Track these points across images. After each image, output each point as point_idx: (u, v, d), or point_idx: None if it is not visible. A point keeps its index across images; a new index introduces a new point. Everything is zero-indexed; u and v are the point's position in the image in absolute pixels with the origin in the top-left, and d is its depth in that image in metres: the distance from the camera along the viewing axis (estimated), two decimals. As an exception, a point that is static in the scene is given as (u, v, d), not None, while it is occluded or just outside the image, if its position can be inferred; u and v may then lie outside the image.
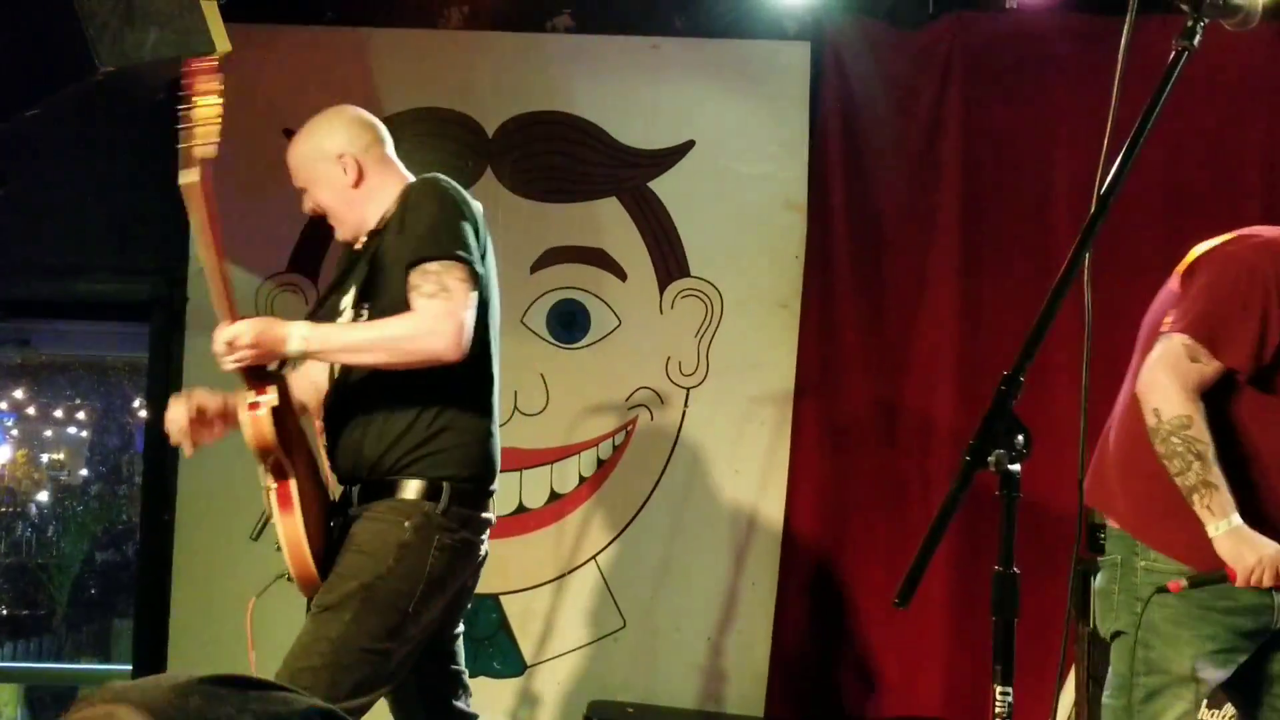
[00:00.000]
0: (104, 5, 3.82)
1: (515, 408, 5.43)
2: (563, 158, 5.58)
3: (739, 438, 5.52)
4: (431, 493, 3.30)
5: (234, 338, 3.21)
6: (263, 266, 5.55)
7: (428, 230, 3.30)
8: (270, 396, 3.21)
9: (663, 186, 5.62)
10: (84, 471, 12.16)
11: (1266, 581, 2.96)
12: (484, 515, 3.43)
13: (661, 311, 5.57)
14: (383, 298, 3.35)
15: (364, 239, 3.54)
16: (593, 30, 5.76)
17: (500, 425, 5.27)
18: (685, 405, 5.53)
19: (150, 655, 5.45)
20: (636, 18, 5.75)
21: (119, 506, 10.98)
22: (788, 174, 5.64)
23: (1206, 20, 2.27)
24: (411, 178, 3.60)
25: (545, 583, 5.50)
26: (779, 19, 5.72)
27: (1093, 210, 2.15)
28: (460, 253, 3.27)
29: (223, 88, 3.22)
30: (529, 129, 5.64)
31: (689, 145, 5.64)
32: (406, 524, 3.27)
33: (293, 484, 3.22)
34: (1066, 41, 5.38)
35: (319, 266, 5.55)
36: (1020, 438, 1.95)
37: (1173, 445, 2.98)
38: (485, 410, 3.45)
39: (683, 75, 5.67)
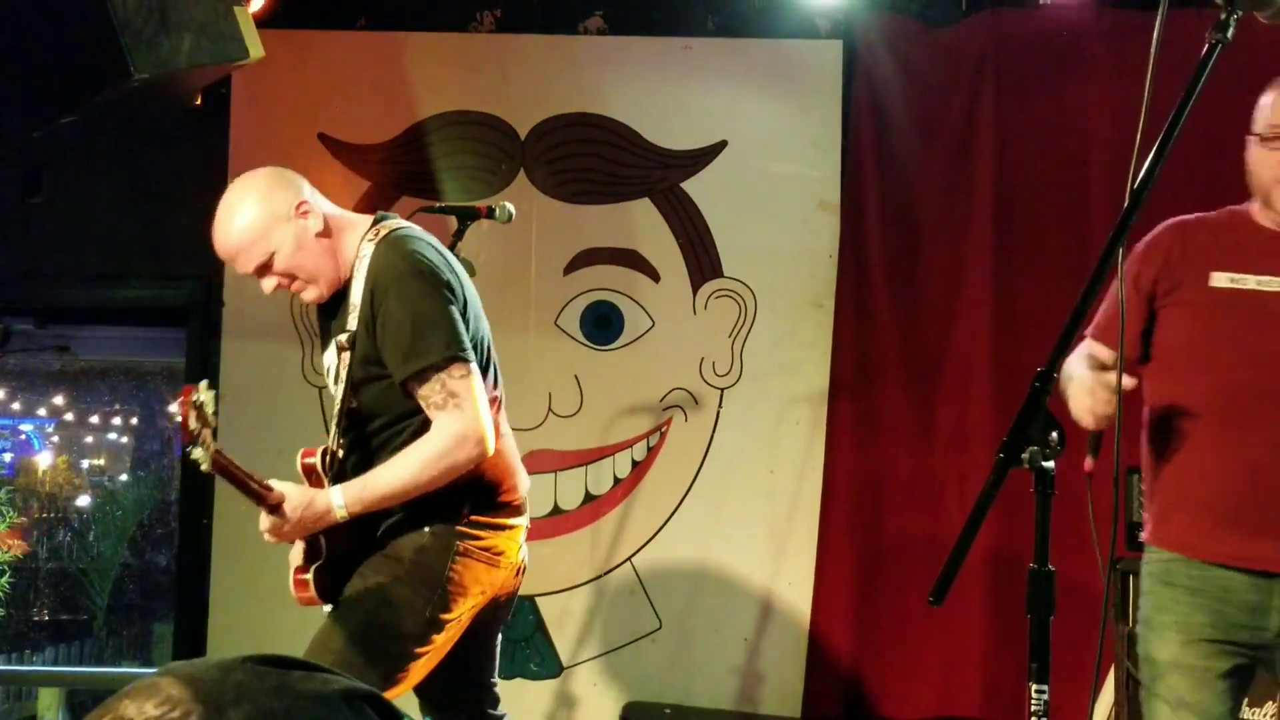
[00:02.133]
0: (139, 13, 3.85)
1: (550, 409, 5.45)
2: (595, 159, 5.60)
3: (774, 438, 5.52)
4: (453, 499, 3.29)
5: (275, 529, 3.21)
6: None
7: (413, 337, 3.20)
8: (315, 564, 3.27)
9: (695, 187, 5.63)
10: (124, 476, 12.25)
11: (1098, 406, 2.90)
12: (510, 522, 3.41)
13: (695, 312, 5.57)
14: (363, 394, 3.32)
15: (331, 298, 3.41)
16: (625, 32, 5.77)
17: (534, 428, 5.43)
18: (719, 406, 5.53)
19: (190, 657, 5.47)
20: (668, 19, 5.76)
21: (158, 511, 11.06)
22: (821, 173, 5.63)
23: (1240, 13, 2.25)
24: (356, 219, 3.47)
25: (582, 584, 5.51)
26: (811, 18, 5.72)
27: (1126, 206, 2.14)
28: (451, 353, 3.20)
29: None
30: (561, 131, 5.65)
31: (722, 145, 5.65)
32: (427, 529, 3.29)
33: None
34: (1099, 37, 5.36)
35: (354, 270, 5.58)
36: (1055, 434, 1.95)
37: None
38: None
39: (715, 76, 5.68)
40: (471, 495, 3.33)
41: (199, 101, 5.35)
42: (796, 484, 5.49)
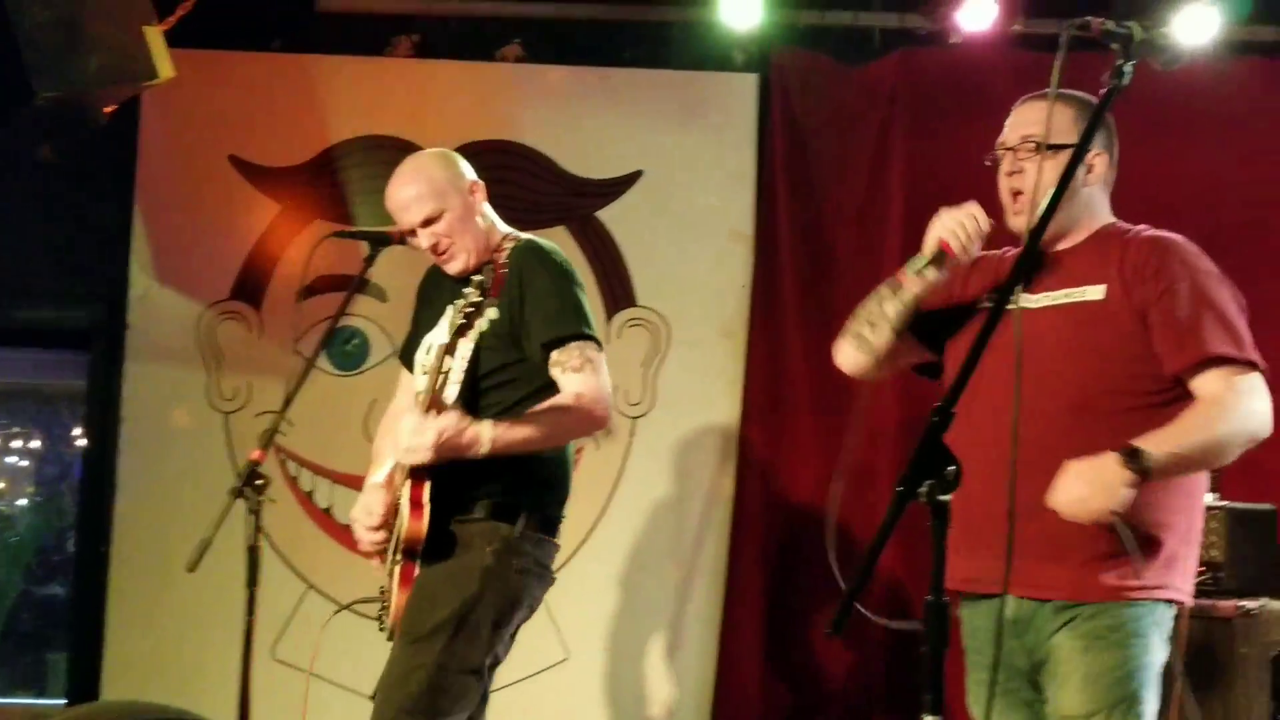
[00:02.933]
0: (46, 31, 3.80)
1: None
2: (511, 186, 5.57)
3: (685, 467, 5.53)
4: (510, 517, 3.44)
5: (425, 430, 3.30)
6: (205, 293, 5.53)
7: (559, 308, 3.48)
8: (427, 495, 3.35)
9: (610, 216, 5.64)
10: (22, 501, 11.99)
11: (975, 237, 2.91)
12: (555, 540, 3.58)
13: (608, 341, 5.56)
14: (493, 360, 3.49)
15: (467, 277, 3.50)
16: (543, 60, 5.78)
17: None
18: (631, 435, 5.53)
19: (85, 689, 5.37)
20: (586, 48, 5.78)
21: (57, 537, 10.83)
22: (735, 204, 5.67)
23: (1136, 59, 2.31)
24: (501, 223, 3.74)
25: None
26: (727, 51, 5.76)
27: (1024, 246, 2.18)
28: (591, 332, 3.50)
29: None
30: (477, 158, 5.58)
31: (637, 175, 5.66)
32: (489, 549, 3.41)
33: (417, 567, 3.40)
34: (1010, 77, 5.40)
35: (262, 295, 5.54)
36: (951, 469, 1.97)
37: None
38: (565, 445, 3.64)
39: (631, 106, 5.70)
40: (534, 506, 3.49)
41: (107, 120, 5.27)
42: (707, 513, 5.50)
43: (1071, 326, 2.70)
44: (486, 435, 3.32)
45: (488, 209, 3.70)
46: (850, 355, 3.15)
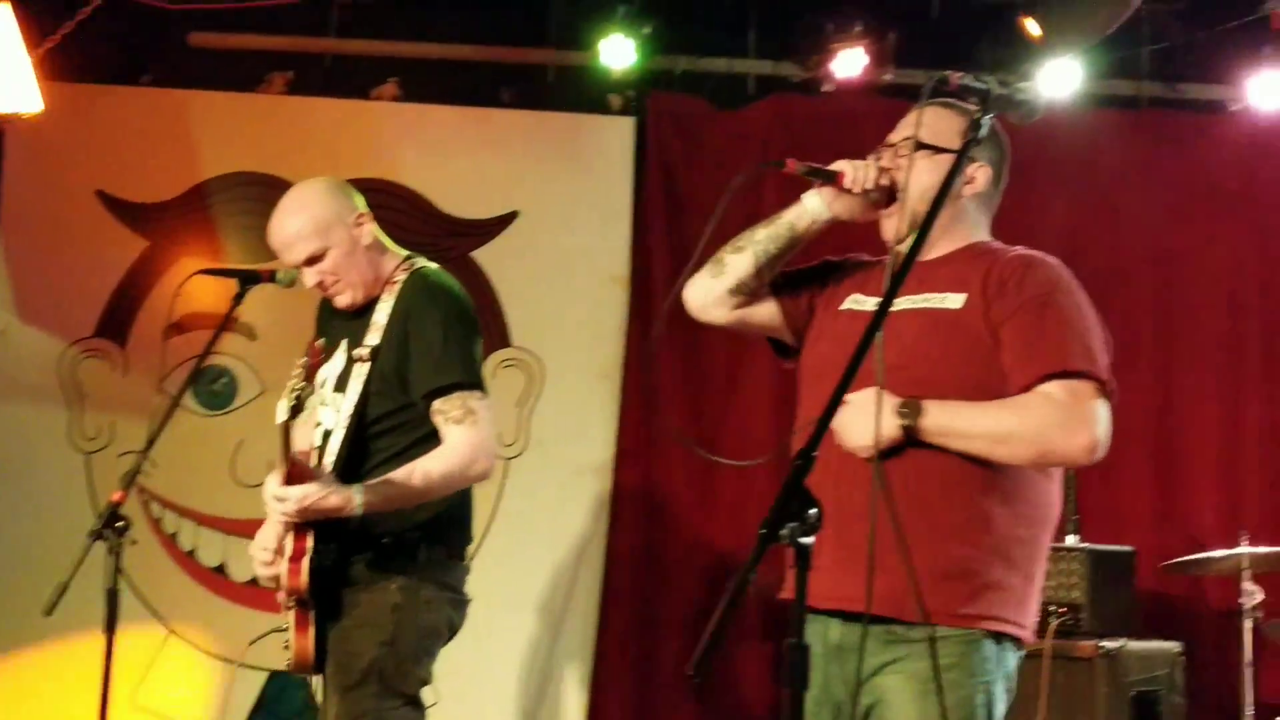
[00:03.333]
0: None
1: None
2: (386, 226, 5.48)
3: (559, 509, 5.53)
4: (411, 551, 3.40)
5: (284, 498, 3.24)
6: (68, 330, 5.43)
7: (441, 355, 3.40)
8: (308, 548, 3.29)
9: (486, 256, 5.64)
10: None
11: (872, 175, 2.81)
12: (465, 564, 3.57)
13: (483, 381, 5.55)
14: (380, 406, 3.43)
15: (356, 310, 3.53)
16: (419, 99, 5.78)
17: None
18: (505, 476, 5.51)
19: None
20: (463, 88, 5.79)
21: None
22: (611, 246, 5.70)
23: (993, 113, 2.37)
24: (395, 248, 3.64)
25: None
26: (604, 95, 5.82)
27: (888, 290, 2.22)
28: (473, 379, 3.43)
29: None
30: (350, 197, 5.59)
31: (513, 216, 5.67)
32: (394, 586, 3.38)
33: (312, 614, 3.35)
34: (880, 125, 5.52)
35: (128, 332, 5.44)
36: (813, 511, 1.99)
37: None
38: None
39: (508, 147, 5.72)
40: (434, 536, 3.44)
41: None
42: (580, 554, 5.50)
43: (926, 330, 2.65)
44: (357, 500, 3.26)
45: (379, 237, 3.60)
46: (702, 283, 2.99)
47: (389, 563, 3.40)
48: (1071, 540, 4.86)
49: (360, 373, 3.42)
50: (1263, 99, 5.54)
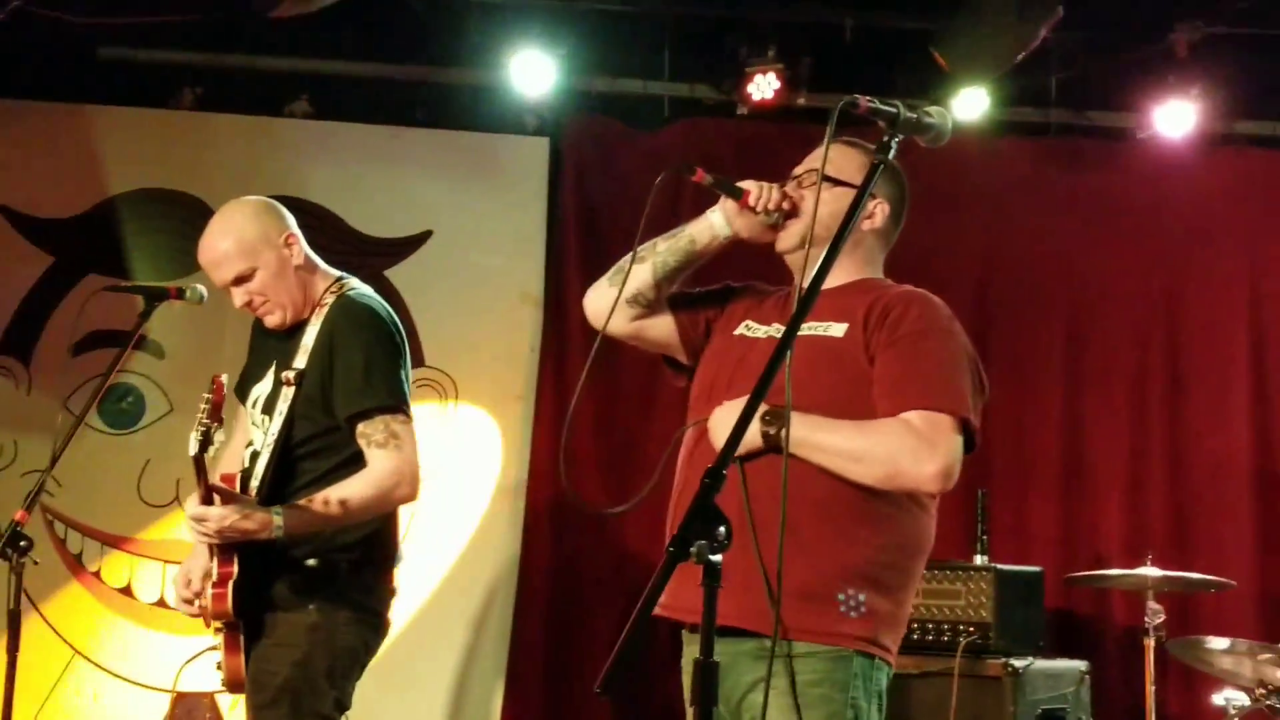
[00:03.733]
0: None
1: (240, 497, 5.28)
2: (296, 243, 5.50)
3: (472, 529, 5.50)
4: (332, 572, 3.40)
5: (204, 518, 3.23)
6: (-29, 347, 5.34)
7: (364, 378, 3.40)
8: (234, 571, 3.30)
9: (399, 276, 5.61)
10: None
11: (775, 197, 2.85)
12: (391, 586, 3.54)
13: (395, 401, 5.52)
14: (306, 429, 3.42)
15: (287, 331, 3.53)
16: (332, 117, 5.75)
17: (224, 516, 5.26)
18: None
19: None
20: (376, 106, 5.77)
21: None
22: (525, 267, 5.70)
23: (901, 136, 2.40)
24: (326, 269, 3.61)
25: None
26: (519, 114, 5.82)
27: (794, 314, 2.24)
28: (396, 401, 3.41)
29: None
30: (262, 214, 5.54)
31: (426, 235, 5.65)
32: (312, 606, 3.39)
33: (240, 637, 3.38)
34: (793, 149, 5.57)
35: (32, 350, 5.35)
36: (722, 529, 1.99)
37: None
38: None
39: (422, 165, 5.70)
40: (358, 561, 3.43)
41: None
42: (493, 575, 5.48)
43: (809, 356, 2.68)
44: (276, 523, 3.26)
45: (309, 256, 3.57)
46: (602, 291, 3.02)
47: (309, 585, 3.40)
48: (980, 560, 4.92)
49: (287, 395, 3.42)
50: (1168, 126, 5.66)
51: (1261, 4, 5.36)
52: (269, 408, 3.46)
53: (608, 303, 2.96)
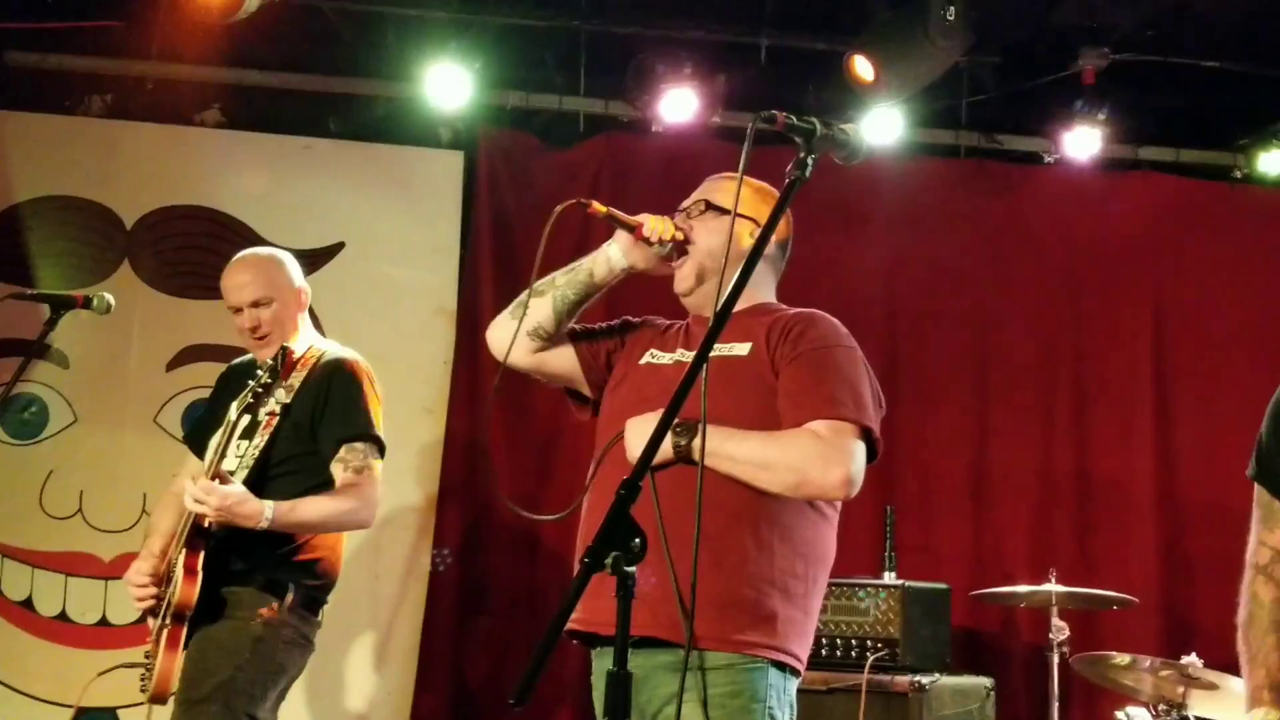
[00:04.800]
0: None
1: (144, 510, 5.19)
2: (206, 253, 5.43)
3: (382, 543, 5.44)
4: (280, 591, 3.69)
5: (211, 492, 3.50)
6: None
7: (361, 412, 3.83)
8: (200, 564, 3.56)
9: (311, 287, 5.52)
10: None
11: (669, 229, 2.94)
12: (318, 619, 3.84)
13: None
14: (286, 450, 3.75)
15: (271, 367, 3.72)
16: (243, 127, 5.69)
17: (128, 529, 5.19)
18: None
19: None
20: (290, 117, 5.72)
21: None
22: (439, 280, 5.67)
23: (817, 153, 2.42)
24: (314, 333, 4.09)
25: (173, 694, 5.25)
26: (433, 127, 5.80)
27: (710, 330, 2.25)
28: (379, 440, 3.84)
29: None
30: (171, 223, 5.50)
31: (339, 247, 5.61)
32: (258, 620, 3.65)
33: (184, 631, 3.56)
34: (709, 165, 5.59)
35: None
36: (637, 541, 2.00)
37: None
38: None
39: (335, 177, 5.66)
40: (302, 583, 3.72)
41: None
42: (401, 590, 5.43)
43: (717, 376, 2.73)
44: (268, 514, 3.57)
45: (307, 317, 4.03)
46: (503, 324, 3.09)
47: (260, 598, 3.66)
48: (889, 577, 4.96)
49: (270, 424, 3.74)
50: (1075, 151, 5.76)
51: (1166, 33, 5.48)
52: (248, 434, 3.73)
53: (509, 335, 3.02)
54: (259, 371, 3.60)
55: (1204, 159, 6.11)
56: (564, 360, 3.10)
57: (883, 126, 5.61)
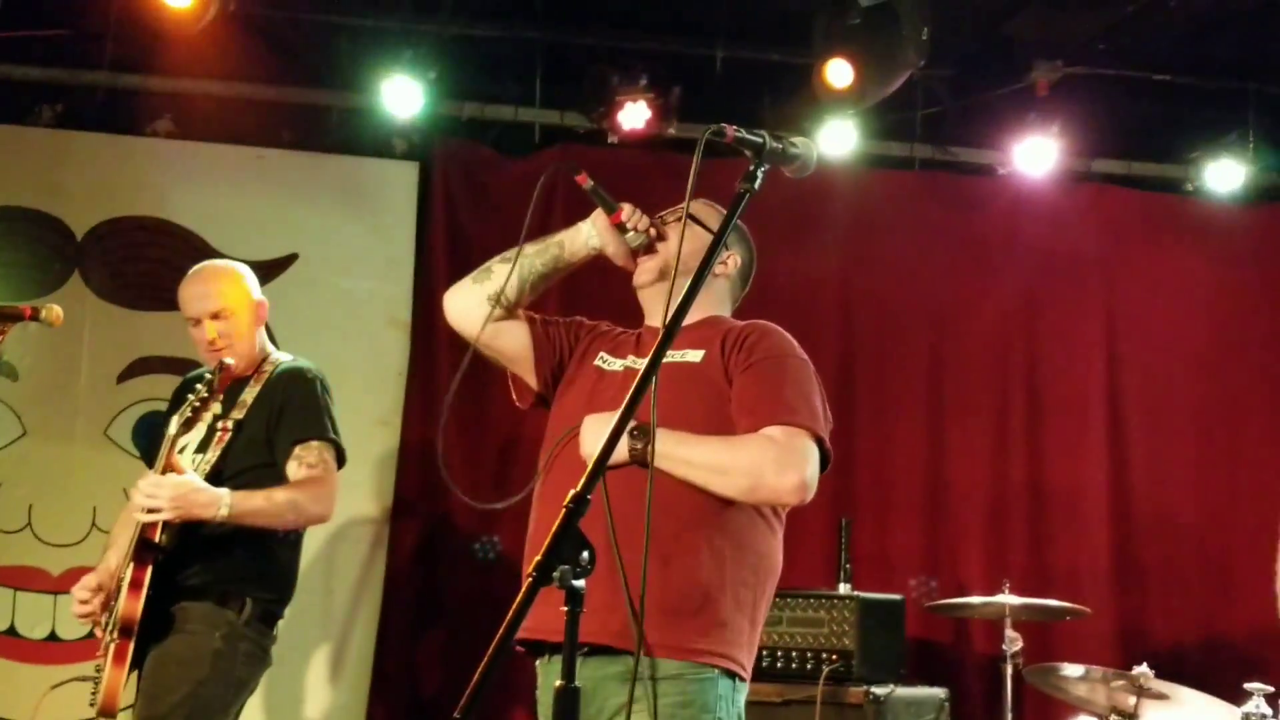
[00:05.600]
0: None
1: (94, 524, 5.15)
2: (157, 265, 5.40)
3: (333, 556, 5.41)
4: (237, 605, 3.70)
5: (160, 485, 3.54)
6: None
7: (319, 414, 3.87)
8: (146, 580, 3.53)
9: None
10: None
11: (646, 221, 2.99)
12: (273, 632, 3.85)
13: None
14: (241, 461, 3.76)
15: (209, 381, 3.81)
16: (196, 137, 5.64)
17: (77, 543, 5.14)
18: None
19: None
20: (242, 127, 5.67)
21: None
22: (393, 291, 5.64)
23: (767, 166, 2.42)
24: (270, 346, 4.08)
25: (125, 708, 5.19)
26: (388, 138, 5.78)
27: (659, 341, 2.24)
28: (337, 442, 3.88)
29: None
30: (122, 234, 5.45)
31: (292, 258, 5.57)
32: (217, 634, 3.65)
33: (131, 645, 3.52)
34: (665, 177, 5.62)
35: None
36: (585, 554, 1.99)
37: None
38: (296, 541, 3.93)
39: (288, 187, 5.63)
40: (259, 597, 3.74)
41: None
42: (355, 603, 5.40)
43: (671, 382, 2.76)
44: (226, 500, 3.58)
45: (264, 330, 4.05)
46: (465, 288, 3.12)
47: (216, 613, 3.67)
48: (844, 589, 4.96)
49: (223, 439, 3.75)
50: (1028, 163, 5.80)
51: (1119, 46, 5.53)
52: (202, 448, 3.74)
53: (467, 300, 3.09)
54: (198, 386, 3.66)
55: (1156, 172, 6.16)
56: (517, 338, 3.12)
57: (837, 138, 5.63)
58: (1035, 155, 5.76)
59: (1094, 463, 5.84)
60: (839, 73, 5.16)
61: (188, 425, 3.68)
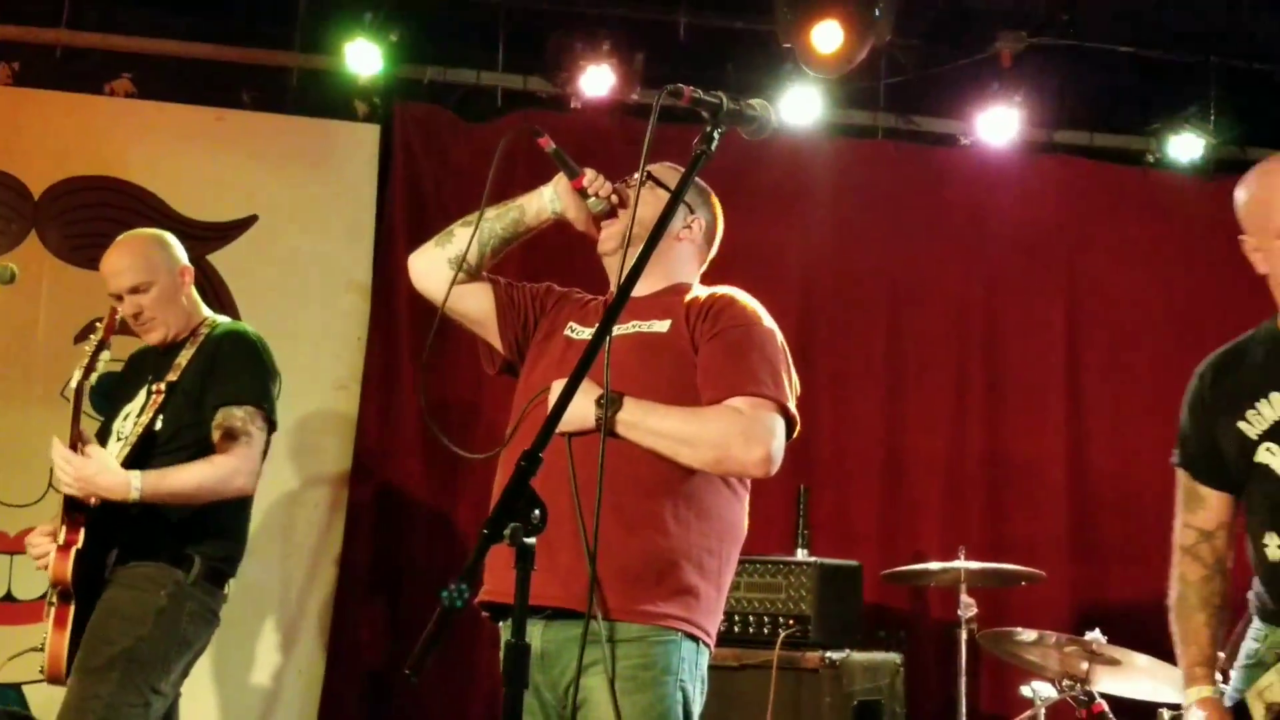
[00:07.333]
0: None
1: (50, 485, 5.10)
2: (115, 225, 5.30)
3: (290, 521, 5.39)
4: (185, 564, 3.68)
5: (68, 461, 3.53)
6: None
7: (249, 377, 3.82)
8: (79, 540, 3.55)
9: (222, 260, 5.48)
10: None
11: (607, 186, 2.99)
12: (224, 592, 3.83)
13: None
14: (171, 425, 3.73)
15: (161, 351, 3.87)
16: (155, 97, 5.59)
17: (33, 503, 5.10)
18: (236, 485, 5.35)
19: None
20: (202, 87, 5.63)
21: None
22: (353, 254, 5.61)
23: (724, 128, 2.42)
24: (205, 308, 3.99)
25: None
26: (349, 100, 5.74)
27: (610, 305, 2.24)
28: (266, 407, 3.82)
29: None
30: (79, 194, 5.40)
31: (252, 220, 5.54)
32: (163, 592, 3.64)
33: (71, 609, 3.57)
34: (625, 143, 5.61)
35: None
36: (536, 512, 1.99)
37: None
38: (245, 503, 3.86)
39: (248, 149, 5.58)
40: (207, 556, 3.72)
41: None
42: (312, 567, 5.39)
43: (637, 352, 2.78)
44: (135, 484, 3.55)
45: (194, 293, 3.96)
46: (428, 251, 3.11)
47: (164, 571, 3.66)
48: (801, 554, 4.98)
49: (155, 401, 3.73)
50: (991, 133, 5.81)
51: (1082, 17, 5.54)
52: (141, 411, 3.74)
53: (433, 263, 3.08)
54: (91, 336, 3.66)
55: (1118, 143, 6.19)
56: (480, 301, 3.11)
57: (801, 106, 5.63)
58: (998, 125, 5.78)
59: (1053, 433, 5.87)
60: (826, 36, 5.11)
61: (86, 376, 3.66)
